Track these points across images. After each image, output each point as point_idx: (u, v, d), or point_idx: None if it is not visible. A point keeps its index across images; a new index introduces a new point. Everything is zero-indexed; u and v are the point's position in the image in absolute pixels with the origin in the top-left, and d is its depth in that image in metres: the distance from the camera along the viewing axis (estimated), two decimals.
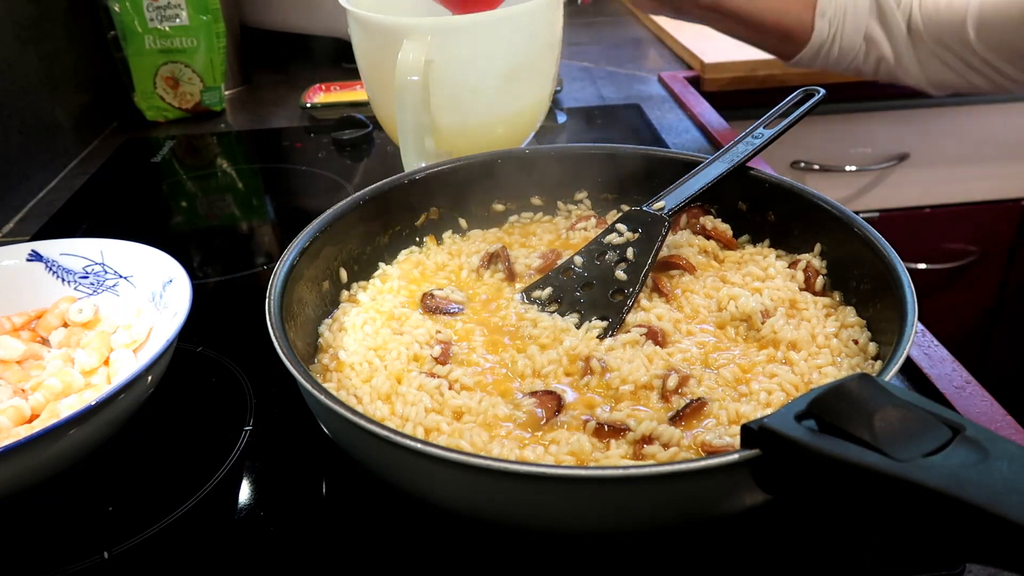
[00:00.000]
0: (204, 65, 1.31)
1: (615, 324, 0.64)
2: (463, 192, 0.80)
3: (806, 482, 0.40)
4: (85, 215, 1.05)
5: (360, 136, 1.21)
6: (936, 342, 0.73)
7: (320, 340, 0.65)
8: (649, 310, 0.66)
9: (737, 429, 0.44)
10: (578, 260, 0.71)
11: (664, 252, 0.71)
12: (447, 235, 0.80)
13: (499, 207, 0.82)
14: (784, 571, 0.52)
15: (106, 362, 0.66)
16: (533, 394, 0.57)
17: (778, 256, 0.72)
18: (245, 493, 0.59)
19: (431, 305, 0.68)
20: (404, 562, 0.53)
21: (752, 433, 0.41)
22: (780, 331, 0.61)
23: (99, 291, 0.72)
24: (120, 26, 1.27)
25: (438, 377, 0.59)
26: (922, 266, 1.66)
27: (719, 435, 0.52)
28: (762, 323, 0.62)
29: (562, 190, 0.83)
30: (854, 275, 0.65)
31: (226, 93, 1.43)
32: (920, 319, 0.61)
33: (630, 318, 0.65)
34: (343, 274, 0.71)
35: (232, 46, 1.42)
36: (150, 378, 0.60)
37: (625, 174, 0.80)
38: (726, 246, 0.75)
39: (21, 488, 0.53)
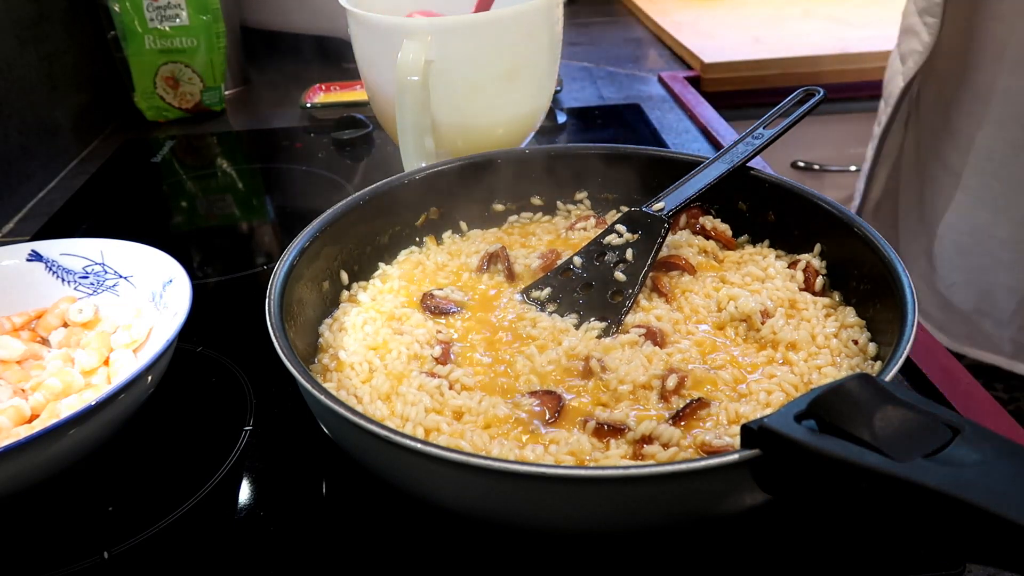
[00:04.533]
0: (204, 65, 1.31)
1: (614, 325, 0.64)
2: (463, 192, 0.80)
3: (806, 482, 0.40)
4: (85, 215, 1.05)
5: (360, 136, 1.21)
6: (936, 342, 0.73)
7: (320, 340, 0.65)
8: (648, 310, 0.66)
9: (737, 429, 0.44)
10: (577, 260, 0.71)
11: (664, 252, 0.71)
12: (447, 235, 0.80)
13: (499, 207, 0.82)
14: (784, 571, 0.52)
15: (106, 362, 0.66)
16: (533, 394, 0.57)
17: (778, 256, 0.72)
18: (245, 493, 0.59)
19: (431, 305, 0.68)
20: (404, 562, 0.53)
21: (752, 433, 0.41)
22: (780, 331, 0.61)
23: (99, 291, 0.72)
24: (120, 26, 1.27)
25: (438, 377, 0.59)
26: None
27: (719, 435, 0.52)
28: (762, 323, 0.62)
29: (562, 190, 0.83)
30: (854, 275, 0.65)
31: (226, 93, 1.43)
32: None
33: (629, 318, 0.65)
34: (343, 274, 0.71)
35: (232, 46, 1.42)
36: (150, 378, 0.60)
37: (625, 174, 0.80)
38: (726, 246, 0.75)
39: (21, 488, 0.53)
